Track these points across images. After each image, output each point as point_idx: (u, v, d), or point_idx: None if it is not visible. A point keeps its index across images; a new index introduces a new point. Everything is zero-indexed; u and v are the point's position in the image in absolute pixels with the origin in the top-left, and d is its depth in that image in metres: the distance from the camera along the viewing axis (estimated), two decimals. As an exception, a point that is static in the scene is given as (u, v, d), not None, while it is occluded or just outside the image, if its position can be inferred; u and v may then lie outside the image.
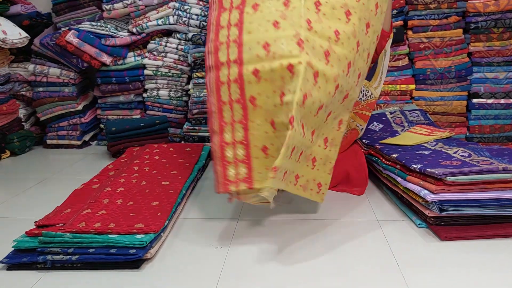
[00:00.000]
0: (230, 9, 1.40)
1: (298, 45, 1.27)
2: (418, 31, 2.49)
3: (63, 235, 1.33)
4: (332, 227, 1.57)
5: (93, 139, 2.90)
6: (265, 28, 1.32)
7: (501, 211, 1.42)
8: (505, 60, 2.47)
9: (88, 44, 2.58)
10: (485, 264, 1.28)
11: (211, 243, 1.45)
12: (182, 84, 2.73)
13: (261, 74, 1.30)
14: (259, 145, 1.31)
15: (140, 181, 1.84)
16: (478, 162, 1.54)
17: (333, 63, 1.32)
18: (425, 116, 2.40)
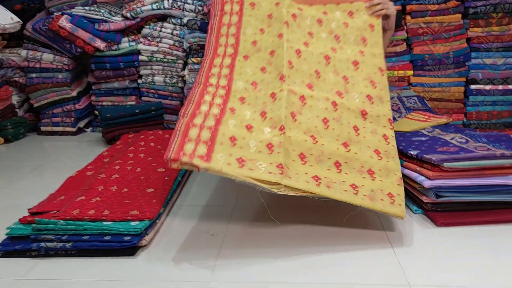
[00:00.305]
0: (223, 56, 1.67)
1: (281, 79, 1.51)
2: (416, 16, 2.46)
3: (57, 222, 1.31)
4: (328, 214, 1.56)
5: (88, 125, 2.88)
6: (254, 72, 1.59)
7: (498, 197, 1.41)
8: (504, 46, 2.45)
9: (81, 29, 2.54)
10: (482, 250, 1.28)
11: (207, 230, 1.44)
12: (178, 70, 2.70)
13: (246, 100, 1.50)
14: (227, 134, 1.35)
15: (135, 168, 1.82)
16: (475, 148, 1.53)
17: (314, 89, 1.55)
18: (422, 102, 2.38)
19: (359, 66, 1.67)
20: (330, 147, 1.42)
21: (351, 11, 1.79)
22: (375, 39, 1.74)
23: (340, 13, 1.78)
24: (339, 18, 1.77)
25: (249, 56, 1.66)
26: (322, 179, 1.31)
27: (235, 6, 1.81)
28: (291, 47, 1.62)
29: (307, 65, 1.60)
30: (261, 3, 1.80)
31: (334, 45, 1.71)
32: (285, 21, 1.69)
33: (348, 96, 1.58)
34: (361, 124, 1.53)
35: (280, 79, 1.52)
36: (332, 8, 1.79)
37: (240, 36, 1.72)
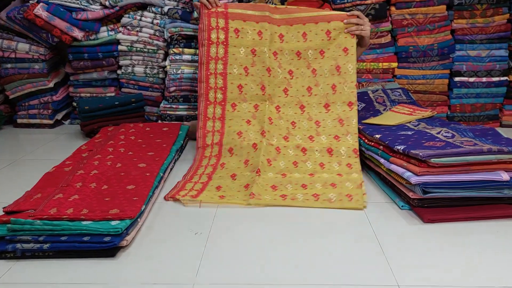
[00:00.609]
0: (214, 103, 2.03)
1: (262, 135, 1.92)
2: (401, 7, 2.44)
3: (33, 222, 1.26)
4: (314, 210, 1.53)
5: (66, 118, 2.80)
6: (240, 123, 1.99)
7: (484, 192, 1.41)
8: (488, 38, 2.45)
9: (58, 18, 2.44)
10: (469, 247, 1.27)
11: (191, 228, 1.40)
12: (159, 60, 2.62)
13: (234, 151, 1.91)
14: (214, 185, 1.71)
15: (115, 163, 1.77)
16: (461, 143, 1.52)
17: (290, 139, 1.93)
18: (407, 94, 2.37)
19: (329, 108, 1.98)
20: (298, 177, 1.74)
21: (329, 30, 2.00)
22: (349, 65, 1.98)
23: (318, 32, 2.00)
24: (316, 44, 2.01)
25: (237, 105, 2.02)
26: (288, 195, 1.60)
27: (221, 35, 2.04)
28: (272, 103, 2.01)
29: (285, 119, 1.98)
30: (245, 28, 2.03)
31: (311, 83, 2.01)
32: (267, 68, 2.01)
33: (318, 139, 1.92)
34: (326, 160, 1.84)
35: (261, 134, 1.92)
36: (311, 27, 2.01)
37: (227, 77, 2.04)
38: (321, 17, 2.01)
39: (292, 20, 2.03)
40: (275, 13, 2.04)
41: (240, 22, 2.04)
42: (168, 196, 1.63)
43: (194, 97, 2.59)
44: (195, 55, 2.52)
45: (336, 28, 2.00)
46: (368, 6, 2.42)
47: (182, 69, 2.53)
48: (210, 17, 2.06)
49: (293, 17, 2.03)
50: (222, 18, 2.05)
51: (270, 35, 2.02)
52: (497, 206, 1.44)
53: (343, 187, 1.65)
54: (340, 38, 2.00)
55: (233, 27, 2.04)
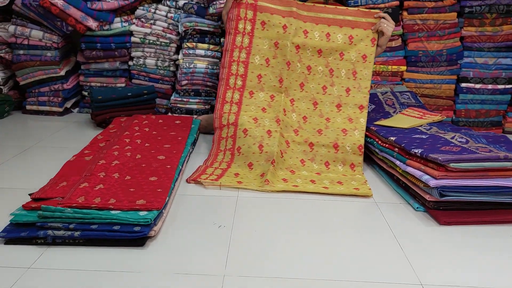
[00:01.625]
0: (233, 89, 2.09)
1: (277, 122, 1.98)
2: (413, 12, 2.49)
3: (64, 210, 1.28)
4: (330, 207, 1.58)
5: (75, 106, 2.80)
6: (256, 110, 2.05)
7: (499, 198, 1.46)
8: (495, 46, 2.51)
9: (73, 7, 2.44)
10: (486, 249, 1.33)
11: (213, 221, 1.44)
12: (170, 53, 2.64)
13: (248, 132, 1.95)
14: (233, 172, 1.84)
15: (134, 155, 1.79)
16: (477, 148, 1.58)
17: (300, 133, 2.00)
18: (415, 98, 2.42)
19: (341, 108, 2.05)
20: (306, 175, 1.85)
21: (351, 35, 2.07)
22: (365, 71, 2.07)
23: (342, 36, 2.08)
24: (338, 45, 2.08)
25: (254, 93, 2.08)
26: (299, 185, 1.73)
27: (248, 26, 2.11)
28: (287, 96, 2.07)
29: (297, 112, 2.05)
30: (272, 21, 2.09)
31: (327, 83, 2.07)
32: (287, 61, 2.07)
33: (326, 132, 2.00)
34: (332, 157, 1.93)
35: (276, 122, 1.99)
36: (335, 29, 2.09)
37: (248, 65, 2.10)
38: (346, 22, 2.08)
39: (319, 20, 2.09)
40: (302, 10, 2.10)
41: (267, 14, 2.10)
42: (190, 179, 1.75)
43: (205, 92, 2.61)
44: (208, 50, 2.55)
45: (358, 34, 2.08)
46: (381, 10, 2.45)
47: (195, 63, 2.55)
48: (240, 8, 2.12)
49: (319, 16, 2.09)
50: (251, 10, 2.11)
51: (295, 30, 2.07)
52: (509, 211, 1.49)
53: (349, 184, 1.76)
54: (361, 45, 2.07)
55: (260, 19, 2.10)
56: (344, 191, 1.69)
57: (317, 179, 1.80)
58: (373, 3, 2.47)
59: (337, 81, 2.07)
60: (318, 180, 1.80)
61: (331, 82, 2.07)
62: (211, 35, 2.56)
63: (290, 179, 1.79)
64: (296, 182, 1.76)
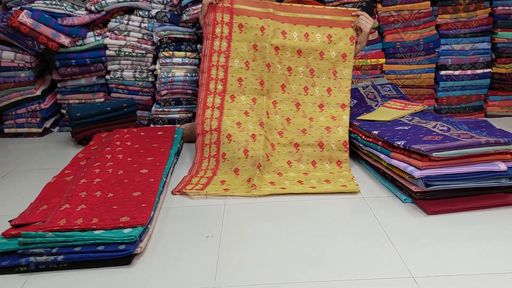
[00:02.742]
0: (214, 93, 2.06)
1: (261, 126, 1.96)
2: (387, 4, 2.49)
3: (45, 234, 1.24)
4: (318, 205, 1.57)
5: (54, 125, 2.75)
6: (239, 114, 2.02)
7: (483, 183, 1.46)
8: (471, 32, 2.53)
9: (43, 25, 2.40)
10: (474, 236, 1.33)
11: (201, 232, 1.41)
12: (148, 64, 2.61)
13: (232, 138, 1.93)
14: (219, 179, 1.82)
15: (116, 171, 1.76)
16: (458, 136, 1.57)
17: (284, 134, 1.99)
18: (396, 89, 2.42)
19: (323, 108, 2.04)
20: (294, 176, 1.83)
21: (330, 34, 2.06)
22: (345, 71, 2.05)
23: (320, 35, 2.06)
24: (317, 45, 2.05)
25: (235, 97, 2.05)
26: (287, 187, 1.72)
27: (225, 29, 2.08)
28: (269, 98, 2.05)
29: (280, 114, 2.03)
30: (249, 23, 2.06)
31: (308, 83, 2.05)
32: (267, 63, 2.05)
33: (310, 131, 1.99)
34: (318, 156, 1.93)
35: (260, 125, 1.97)
36: (313, 29, 2.06)
37: (228, 69, 2.07)
38: (324, 21, 2.05)
39: (296, 20, 2.07)
40: (279, 11, 2.07)
41: (244, 17, 2.07)
42: (175, 190, 1.72)
43: (186, 100, 2.59)
44: (186, 58, 2.52)
45: (337, 33, 2.05)
46: (355, 4, 2.46)
47: (173, 72, 2.52)
48: (216, 12, 2.09)
49: (297, 16, 2.07)
50: (227, 14, 2.08)
51: (273, 31, 2.05)
52: (494, 195, 1.50)
53: (336, 182, 1.75)
54: (341, 43, 2.05)
55: (237, 22, 2.08)
56: (332, 189, 1.68)
57: (304, 179, 1.79)
58: (346, -2, 2.47)
59: (318, 81, 2.05)
60: (305, 180, 1.78)
61: (312, 83, 2.06)
62: (187, 42, 2.54)
63: (277, 182, 1.77)
64: (283, 184, 1.74)
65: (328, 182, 1.75)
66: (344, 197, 1.64)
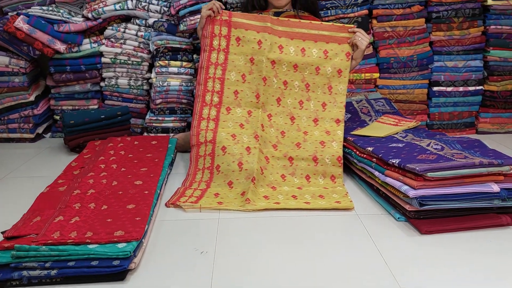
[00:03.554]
0: (210, 105, 2.07)
1: (255, 138, 1.96)
2: (382, 20, 2.52)
3: (39, 248, 1.23)
4: (312, 221, 1.57)
5: (47, 131, 2.73)
6: (234, 126, 2.02)
7: (477, 203, 1.48)
8: (464, 49, 2.56)
9: (39, 31, 2.39)
10: (467, 257, 1.34)
11: (195, 247, 1.41)
12: (143, 72, 2.61)
13: (227, 150, 1.93)
14: (212, 192, 1.82)
15: (110, 181, 1.75)
16: (452, 155, 1.59)
17: (278, 148, 1.99)
18: (390, 104, 2.45)
19: (318, 122, 2.05)
20: (288, 190, 1.83)
21: (326, 50, 2.07)
22: (340, 86, 2.07)
23: (317, 50, 2.08)
24: (313, 60, 2.07)
25: (231, 109, 2.06)
26: (281, 202, 1.71)
27: (223, 42, 2.10)
28: (265, 111, 2.06)
29: (275, 127, 2.04)
30: (246, 37, 2.08)
31: (303, 97, 2.07)
32: (263, 77, 2.06)
33: (305, 145, 1.99)
34: (312, 170, 1.93)
35: (255, 138, 1.97)
36: (310, 44, 2.08)
37: (224, 82, 2.08)
38: (321, 37, 2.07)
39: (293, 34, 2.09)
40: (277, 25, 2.09)
41: (242, 30, 2.09)
42: (169, 203, 1.72)
43: (181, 109, 2.59)
44: (181, 68, 2.52)
45: (333, 49, 2.07)
46: (351, 19, 2.49)
47: (168, 81, 2.52)
48: (214, 24, 2.10)
49: (294, 31, 2.09)
50: (226, 26, 2.10)
51: (270, 45, 2.06)
52: (487, 215, 1.51)
53: (330, 197, 1.76)
54: (336, 59, 2.07)
55: (235, 36, 2.09)
56: (326, 205, 1.68)
57: (298, 194, 1.79)
58: (343, 13, 2.49)
59: (313, 95, 2.07)
60: (299, 195, 1.79)
61: (307, 97, 2.07)
62: (184, 52, 2.54)
63: (271, 196, 1.77)
64: (277, 199, 1.74)
65: (322, 197, 1.76)
66: (338, 213, 1.65)
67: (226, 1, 2.46)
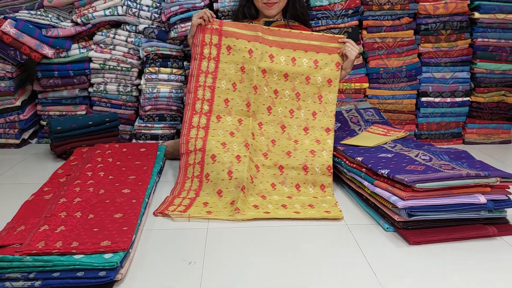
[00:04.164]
0: (200, 113, 2.06)
1: (246, 146, 1.95)
2: (372, 31, 2.54)
3: (23, 258, 1.21)
4: (301, 231, 1.57)
5: (33, 137, 2.69)
6: (224, 134, 2.02)
7: (464, 214, 1.49)
8: (452, 61, 2.59)
9: (27, 35, 2.36)
10: (455, 267, 1.34)
11: (183, 257, 1.39)
12: (132, 78, 2.59)
13: (217, 158, 1.91)
14: (201, 201, 1.80)
15: (97, 190, 1.72)
16: (440, 166, 1.60)
17: (269, 156, 1.98)
18: (379, 114, 2.46)
19: (308, 131, 2.05)
20: (278, 199, 1.83)
21: (316, 59, 2.08)
22: (330, 96, 2.08)
23: (307, 60, 2.08)
24: (303, 70, 2.07)
25: (221, 117, 2.06)
26: (271, 212, 1.71)
27: (213, 51, 2.10)
28: (255, 120, 2.05)
29: (266, 136, 2.04)
30: (237, 46, 2.08)
31: (294, 106, 2.07)
32: (254, 86, 2.05)
33: (295, 154, 1.99)
34: (302, 179, 1.92)
35: (245, 146, 1.96)
36: (300, 54, 2.09)
37: (215, 90, 2.08)
38: (311, 47, 2.08)
39: (284, 44, 2.09)
40: (267, 34, 2.09)
41: (233, 39, 2.09)
42: (157, 212, 1.70)
43: (170, 116, 2.57)
44: (171, 74, 2.51)
45: (323, 59, 2.08)
46: (341, 30, 2.50)
47: (158, 88, 2.51)
48: (205, 33, 2.10)
49: (285, 41, 2.09)
50: (216, 35, 2.10)
51: (261, 54, 2.07)
52: (474, 226, 1.52)
53: (320, 207, 1.76)
54: (326, 69, 2.07)
55: (225, 44, 2.10)
56: (315, 215, 1.68)
57: (288, 203, 1.79)
58: (333, 23, 2.51)
59: (303, 104, 2.08)
60: (289, 204, 1.78)
61: (298, 106, 2.08)
62: (174, 59, 2.53)
63: (261, 205, 1.76)
64: (267, 208, 1.74)
65: (311, 207, 1.76)
66: (327, 223, 1.64)
67: (217, 9, 2.46)
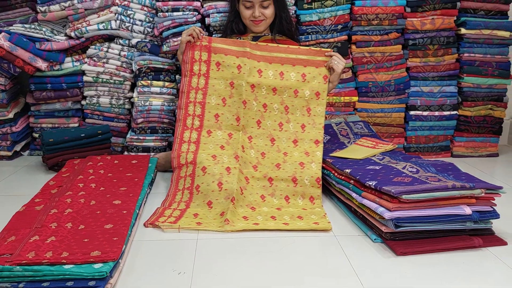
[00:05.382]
0: (191, 129, 2.11)
1: (236, 159, 1.98)
2: (361, 46, 2.59)
3: (12, 268, 1.22)
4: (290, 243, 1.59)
5: (25, 149, 2.70)
6: (214, 148, 2.06)
7: (450, 225, 1.52)
8: (439, 75, 2.65)
9: (21, 48, 2.39)
10: (442, 277, 1.37)
11: (173, 268, 1.41)
12: (125, 91, 2.62)
13: (207, 170, 1.94)
14: (192, 212, 1.81)
15: (88, 201, 1.74)
16: (427, 178, 1.64)
17: (258, 168, 2.00)
18: (368, 127, 2.50)
19: (297, 144, 2.08)
20: (267, 211, 1.84)
21: (304, 73, 2.12)
22: (318, 108, 2.12)
23: (295, 74, 2.12)
24: (291, 83, 2.12)
25: (212, 132, 2.10)
26: (260, 223, 1.72)
27: (203, 67, 2.15)
28: (245, 133, 2.09)
29: (255, 149, 2.07)
30: (226, 61, 2.13)
31: (283, 119, 2.11)
32: (243, 100, 2.10)
33: (285, 166, 2.01)
34: (291, 191, 1.95)
35: (235, 158, 1.99)
36: (288, 68, 2.13)
37: (205, 106, 2.12)
38: (298, 61, 2.13)
39: (272, 59, 2.14)
40: (255, 50, 2.14)
41: (221, 55, 2.14)
42: (147, 223, 1.71)
43: (162, 129, 2.59)
44: (164, 88, 2.54)
45: (311, 72, 2.12)
46: (331, 44, 2.55)
47: (150, 101, 2.54)
48: (194, 50, 2.15)
49: (273, 55, 2.14)
50: (206, 52, 2.15)
51: (249, 69, 2.11)
52: (460, 237, 1.55)
53: (309, 219, 1.78)
54: (314, 82, 2.12)
55: (215, 60, 2.15)
56: (304, 226, 1.70)
57: (277, 215, 1.81)
58: (323, 38, 2.56)
59: (292, 117, 2.11)
60: (278, 215, 1.80)
61: (286, 119, 2.11)
62: (166, 72, 2.56)
63: (250, 217, 1.78)
64: (256, 220, 1.75)
65: (300, 218, 1.78)
66: (316, 234, 1.66)
67: (209, 24, 2.51)
